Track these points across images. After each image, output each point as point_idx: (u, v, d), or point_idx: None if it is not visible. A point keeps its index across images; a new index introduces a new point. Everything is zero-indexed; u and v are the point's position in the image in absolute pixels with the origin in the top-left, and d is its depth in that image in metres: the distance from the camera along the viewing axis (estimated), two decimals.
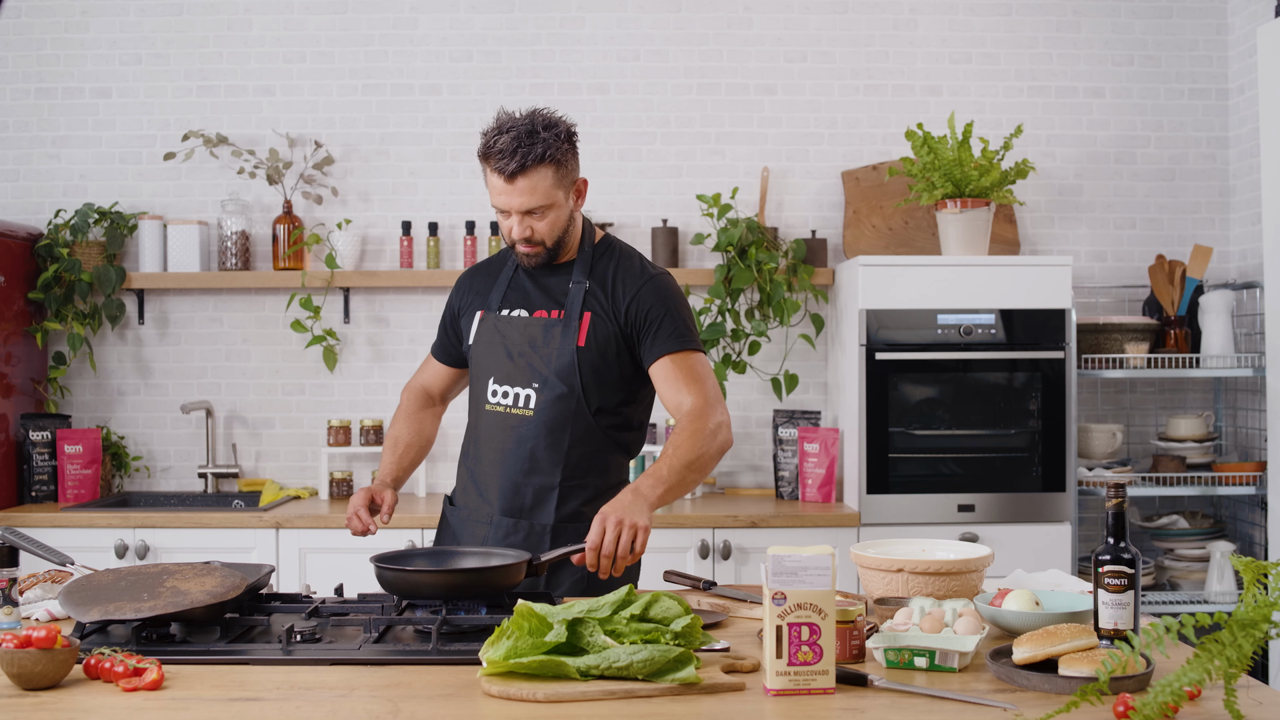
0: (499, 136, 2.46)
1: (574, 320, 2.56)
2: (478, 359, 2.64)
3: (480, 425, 2.64)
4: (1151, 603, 4.11)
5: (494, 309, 2.64)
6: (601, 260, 2.63)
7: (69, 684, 1.83)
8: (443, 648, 1.98)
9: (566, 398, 2.54)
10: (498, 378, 2.59)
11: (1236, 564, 1.65)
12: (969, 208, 4.03)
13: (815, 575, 1.78)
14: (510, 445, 2.57)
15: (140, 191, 4.53)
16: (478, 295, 2.70)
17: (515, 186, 2.47)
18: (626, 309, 2.57)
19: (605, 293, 2.59)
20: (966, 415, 4.04)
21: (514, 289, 2.65)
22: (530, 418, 2.56)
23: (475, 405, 2.66)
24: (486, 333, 2.62)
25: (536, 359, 2.56)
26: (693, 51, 4.55)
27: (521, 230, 2.51)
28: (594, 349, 2.55)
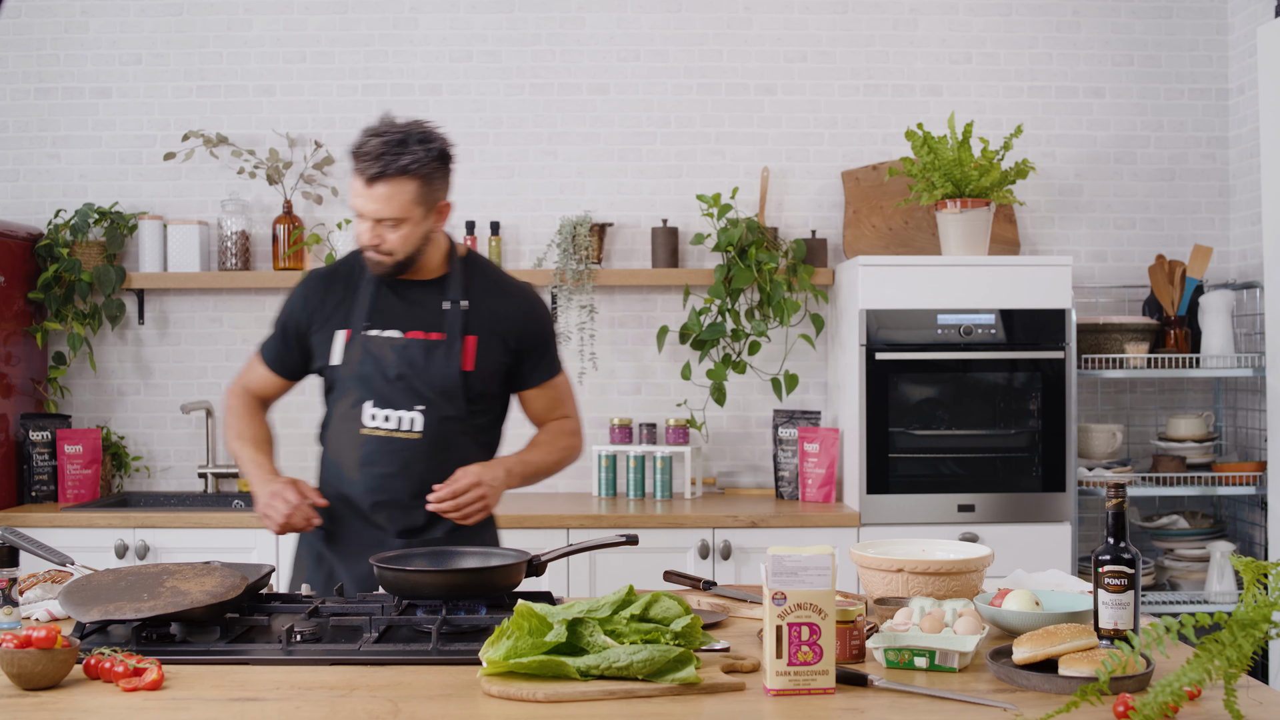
0: (370, 139, 2.43)
1: (456, 343, 2.53)
2: (347, 380, 2.54)
3: (354, 448, 2.54)
4: (1151, 603, 4.11)
5: (361, 328, 2.54)
6: (475, 279, 2.61)
7: (69, 684, 1.83)
8: (443, 648, 1.98)
9: (452, 420, 2.54)
10: (376, 401, 2.51)
11: (1236, 564, 1.66)
12: (969, 208, 4.03)
13: (815, 575, 1.78)
14: (395, 469, 2.52)
15: (140, 191, 4.53)
16: (335, 311, 2.58)
17: (372, 192, 2.44)
18: (519, 334, 2.59)
19: (487, 314, 2.57)
20: (966, 415, 4.04)
21: (381, 306, 2.55)
22: (417, 441, 2.52)
23: (344, 428, 2.56)
24: (357, 354, 2.53)
25: (418, 382, 2.51)
26: (693, 51, 4.55)
27: (371, 237, 2.47)
28: (480, 372, 2.55)
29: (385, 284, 2.57)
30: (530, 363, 2.63)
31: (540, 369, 2.65)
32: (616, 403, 4.53)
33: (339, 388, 2.56)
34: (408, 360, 2.51)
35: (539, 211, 4.54)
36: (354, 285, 2.59)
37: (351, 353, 2.53)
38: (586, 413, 4.50)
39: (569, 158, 4.55)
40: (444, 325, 2.54)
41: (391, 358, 2.51)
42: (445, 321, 2.54)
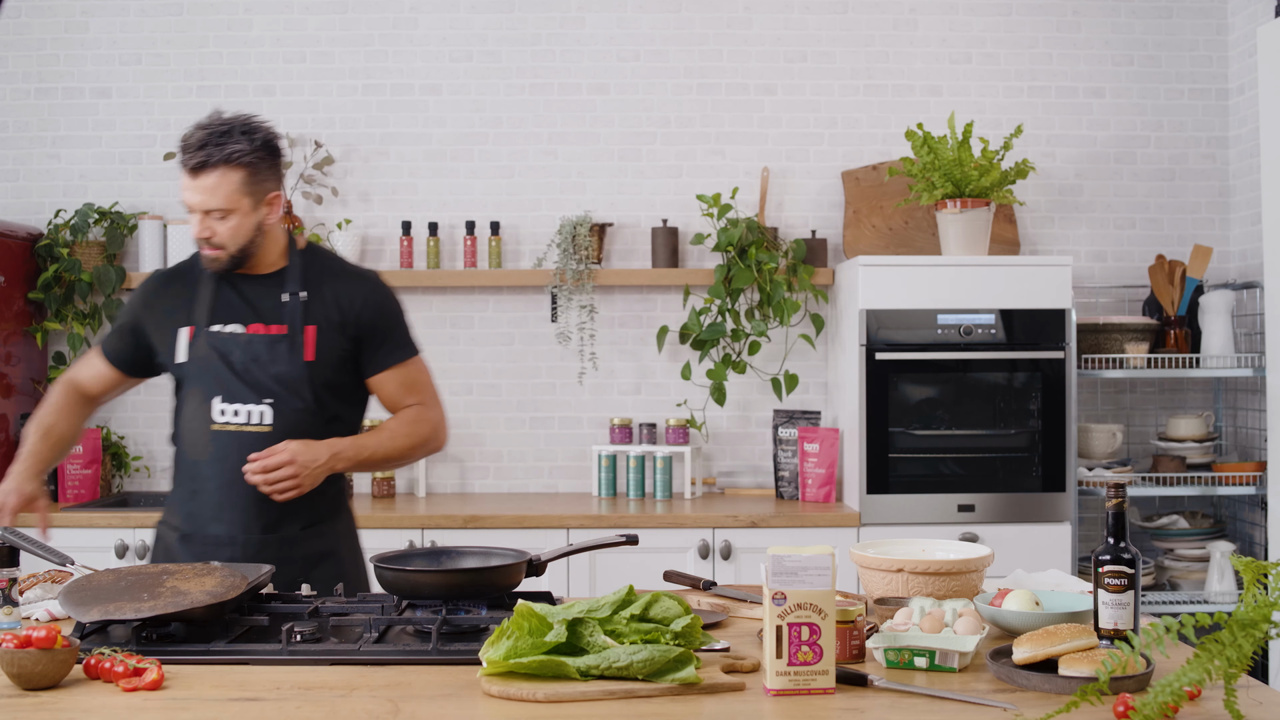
0: (195, 131, 2.45)
1: (298, 334, 2.54)
2: (194, 377, 2.55)
3: (205, 444, 2.54)
4: (1151, 603, 4.11)
5: (204, 325, 2.55)
6: (314, 270, 2.61)
7: (69, 684, 1.83)
8: (443, 648, 1.98)
9: (302, 411, 2.54)
10: (225, 396, 2.52)
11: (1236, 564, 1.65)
12: (969, 208, 4.03)
13: (815, 575, 1.78)
14: (246, 462, 2.49)
15: (140, 191, 4.53)
16: (176, 309, 2.58)
17: (197, 183, 2.45)
18: (357, 319, 2.59)
19: (327, 304, 2.58)
20: (966, 415, 4.04)
21: (222, 303, 2.56)
22: (269, 434, 2.52)
23: (193, 426, 2.56)
24: (202, 350, 2.54)
25: (264, 375, 2.52)
26: (693, 51, 4.55)
27: (201, 229, 2.48)
28: (322, 361, 2.56)
29: (225, 280, 2.58)
30: (372, 348, 2.62)
31: (384, 354, 2.63)
32: (616, 403, 4.53)
33: (186, 384, 2.58)
34: (252, 354, 2.53)
35: (539, 211, 4.54)
36: (194, 283, 2.60)
37: (196, 349, 2.55)
38: (586, 412, 4.53)
39: (569, 158, 4.55)
40: (284, 318, 2.56)
41: (236, 353, 2.53)
42: (285, 314, 2.56)
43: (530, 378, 4.54)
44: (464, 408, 4.54)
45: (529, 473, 4.54)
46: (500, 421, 4.54)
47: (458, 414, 4.53)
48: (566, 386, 4.53)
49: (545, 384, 4.54)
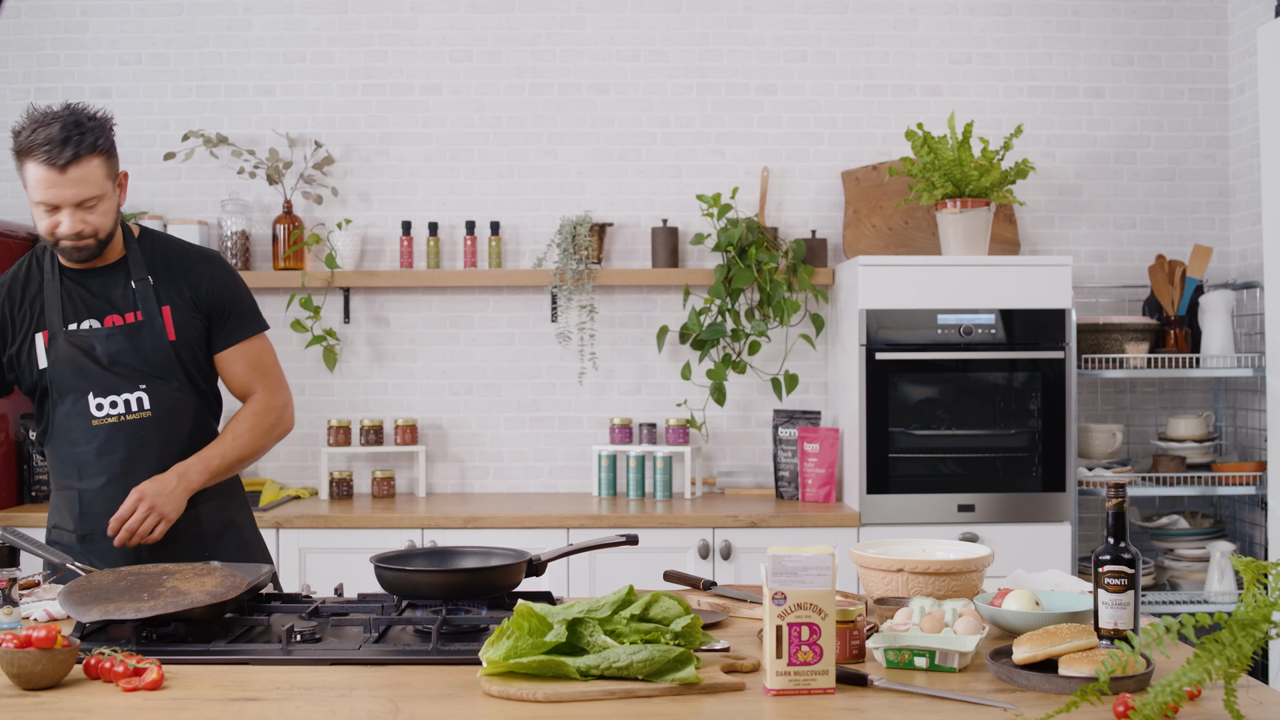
0: (43, 129, 2.42)
1: (155, 317, 2.57)
2: (62, 380, 2.54)
3: (87, 442, 2.54)
4: (1151, 603, 4.11)
5: (60, 326, 2.54)
6: (154, 254, 2.63)
7: (69, 684, 1.83)
8: (443, 648, 1.98)
9: (175, 391, 2.59)
10: (97, 391, 2.53)
11: (1236, 564, 1.65)
12: (969, 208, 4.03)
13: (815, 575, 1.78)
14: (134, 450, 2.54)
15: (140, 191, 4.53)
16: (26, 317, 2.56)
17: (68, 177, 2.44)
18: (206, 296, 2.63)
19: (175, 283, 2.61)
20: (966, 415, 4.04)
21: (69, 302, 2.56)
22: (149, 418, 2.56)
23: (72, 424, 2.55)
24: (65, 352, 2.53)
25: (133, 363, 2.55)
26: (693, 51, 4.55)
27: (74, 224, 2.47)
28: (184, 339, 2.60)
29: (68, 278, 2.58)
30: (220, 324, 2.66)
31: (230, 330, 2.67)
32: (616, 403, 4.53)
33: (55, 389, 2.56)
34: (116, 345, 2.54)
35: (539, 211, 4.54)
36: (35, 288, 2.59)
37: (56, 352, 2.54)
38: (586, 412, 4.53)
39: (569, 158, 4.55)
40: (137, 304, 2.57)
41: (99, 347, 2.54)
42: (137, 300, 2.58)
43: (530, 378, 4.54)
44: (464, 408, 4.54)
45: (529, 473, 4.54)
46: (500, 421, 4.54)
47: (458, 414, 4.54)
48: (566, 386, 4.53)
49: (545, 384, 4.54)
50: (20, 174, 2.48)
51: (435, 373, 4.55)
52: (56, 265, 2.59)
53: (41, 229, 2.51)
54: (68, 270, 2.58)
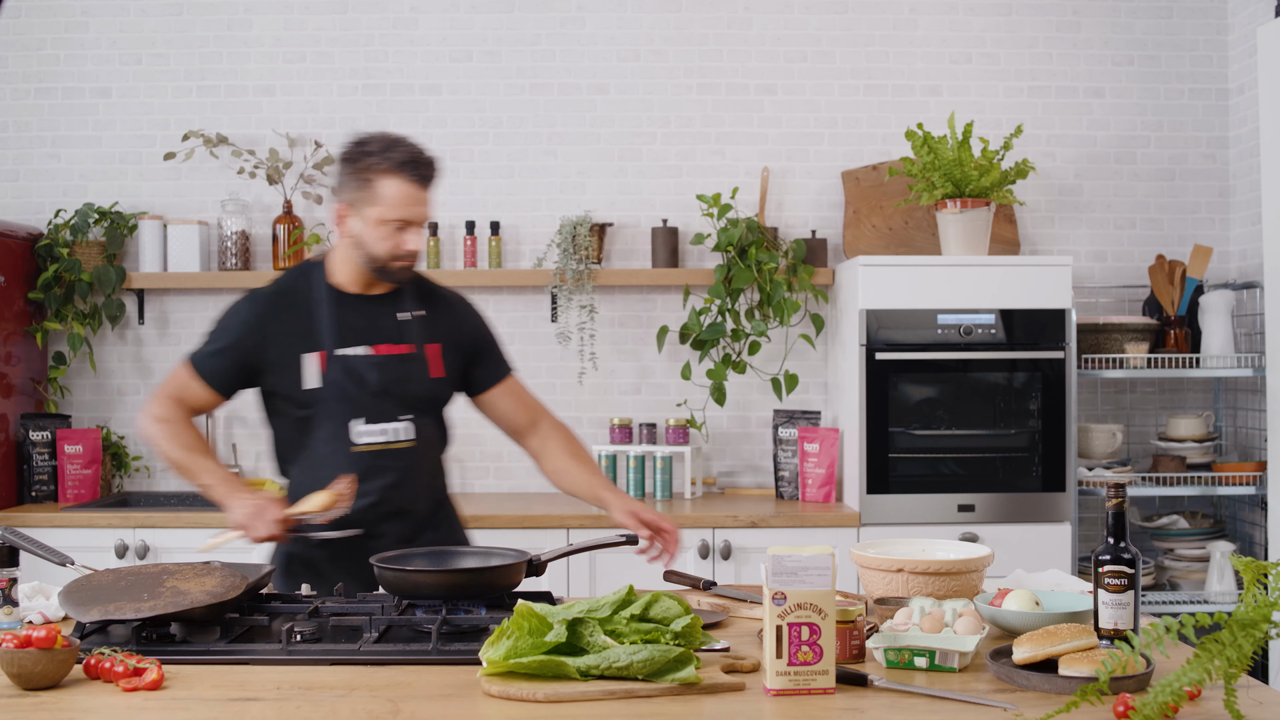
0: (400, 147, 2.47)
1: (423, 354, 2.61)
2: (330, 402, 2.54)
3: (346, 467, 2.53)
4: (1151, 603, 4.11)
5: (332, 349, 2.55)
6: (421, 288, 2.67)
7: (69, 684, 1.83)
8: (443, 648, 1.98)
9: (431, 427, 2.66)
10: (368, 417, 2.55)
11: (1236, 564, 1.65)
12: (969, 208, 4.03)
13: (815, 575, 1.78)
14: (394, 479, 2.56)
15: (140, 191, 4.53)
16: (297, 334, 2.56)
17: (426, 195, 2.50)
18: (471, 337, 2.70)
19: (441, 321, 2.66)
20: (966, 415, 4.04)
21: (343, 325, 2.56)
22: (411, 449, 2.59)
23: (332, 448, 2.55)
24: (338, 374, 2.54)
25: (401, 394, 2.57)
26: (693, 51, 4.55)
27: (419, 242, 2.53)
28: (448, 379, 2.66)
29: (343, 302, 2.59)
30: (483, 364, 2.73)
31: (492, 370, 2.75)
32: (616, 403, 4.53)
33: (319, 410, 2.55)
34: (388, 375, 2.56)
35: (539, 211, 4.54)
36: (309, 306, 2.58)
37: (331, 374, 2.54)
38: (586, 412, 4.53)
39: (569, 158, 4.55)
40: (407, 337, 2.60)
41: (372, 374, 2.55)
42: (406, 333, 2.60)
43: (530, 378, 4.50)
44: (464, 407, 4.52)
45: (529, 473, 4.53)
46: None
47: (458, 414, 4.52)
48: (566, 386, 4.52)
49: (545, 384, 4.54)
50: (364, 192, 2.47)
51: None
52: (329, 288, 2.59)
53: (381, 249, 2.50)
54: (341, 295, 2.58)
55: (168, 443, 2.56)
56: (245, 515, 2.42)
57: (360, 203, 2.49)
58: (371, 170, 2.46)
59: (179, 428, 2.57)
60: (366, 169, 2.47)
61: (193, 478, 2.55)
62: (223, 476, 2.53)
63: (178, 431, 2.57)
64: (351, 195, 2.51)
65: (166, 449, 2.56)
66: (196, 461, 2.54)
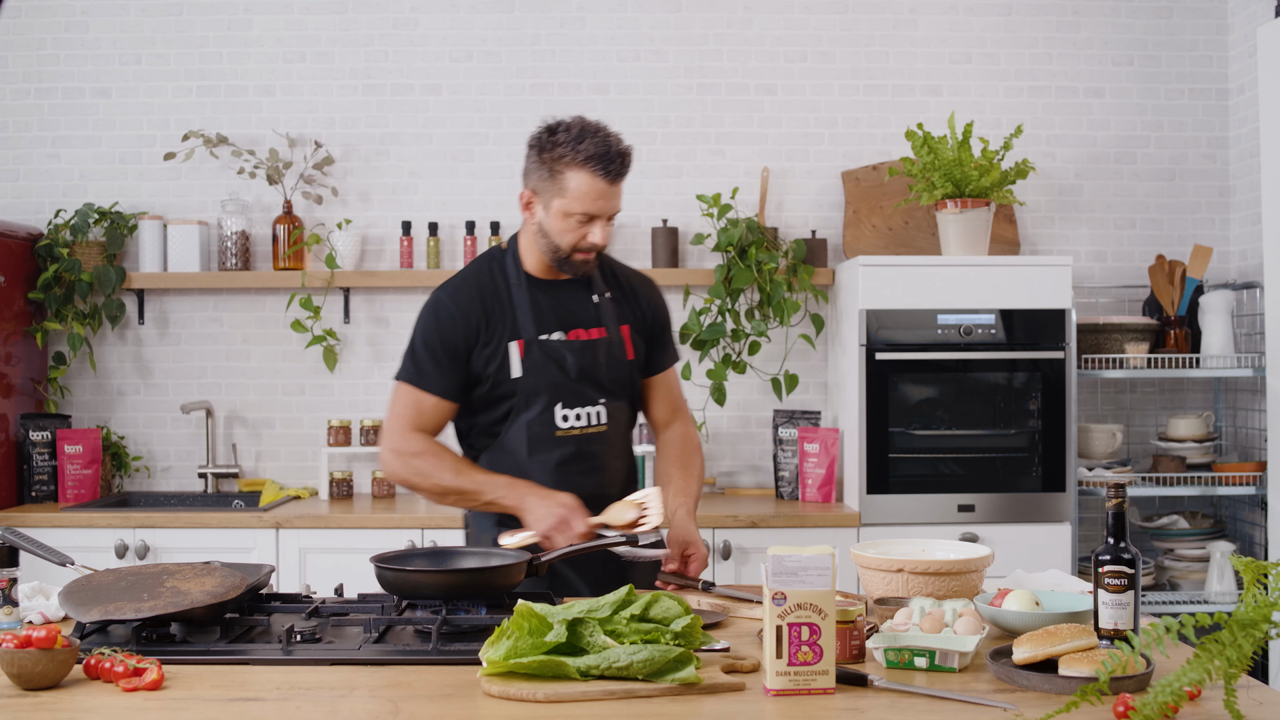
0: (592, 140, 2.43)
1: (617, 335, 2.61)
2: (530, 388, 2.54)
3: (549, 452, 2.55)
4: (1151, 603, 4.11)
5: (533, 336, 2.55)
6: (607, 270, 2.67)
7: (69, 684, 1.83)
8: (443, 648, 1.98)
9: (624, 408, 2.64)
10: (565, 402, 2.55)
11: (1236, 564, 1.65)
12: (969, 208, 4.03)
13: (815, 575, 1.78)
14: (590, 464, 2.58)
15: (140, 191, 4.53)
16: (499, 324, 2.55)
17: (615, 189, 2.46)
18: (652, 318, 2.69)
19: (629, 302, 2.66)
20: (966, 415, 4.04)
21: (537, 311, 2.56)
22: (605, 433, 2.60)
23: (534, 434, 2.55)
24: (538, 361, 2.53)
25: (596, 377, 2.57)
26: (693, 51, 4.55)
27: (604, 237, 2.49)
28: (637, 361, 2.66)
29: (534, 288, 2.58)
30: (656, 349, 2.71)
31: (661, 356, 2.73)
32: None
33: (520, 397, 2.54)
34: (585, 359, 2.56)
35: None
36: (505, 294, 2.58)
37: (531, 361, 2.54)
38: None
39: None
40: (599, 320, 2.60)
41: (571, 359, 2.55)
42: (599, 316, 2.60)
43: None
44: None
45: None
46: None
47: None
48: None
49: None
50: (551, 181, 2.46)
51: None
52: (522, 274, 2.59)
53: (565, 240, 2.49)
54: (533, 280, 2.59)
55: (436, 474, 2.52)
56: (548, 524, 2.40)
57: (546, 192, 2.48)
58: (559, 161, 2.44)
59: (439, 457, 2.54)
60: (555, 159, 2.45)
61: (476, 498, 2.52)
62: (509, 483, 2.50)
63: (441, 460, 2.54)
64: (537, 183, 2.50)
65: (436, 480, 2.52)
66: (475, 480, 2.52)
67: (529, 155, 2.53)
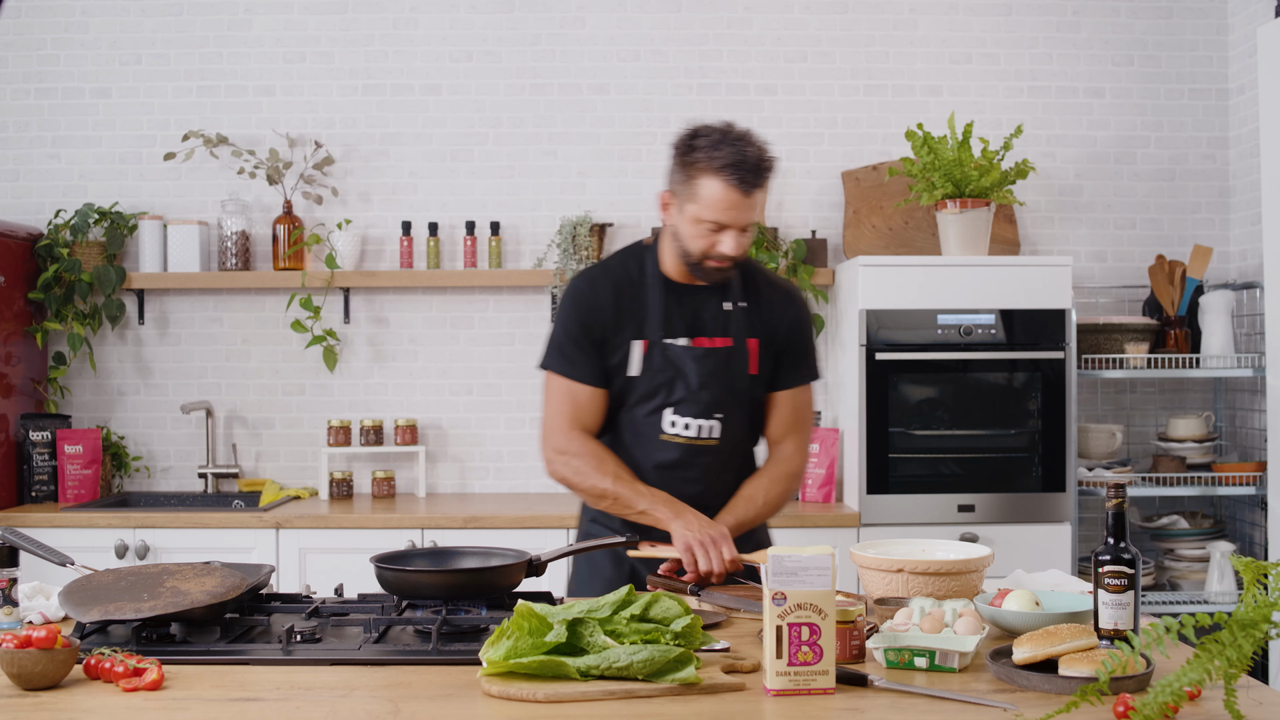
0: (730, 147, 2.38)
1: (742, 348, 2.55)
2: (644, 389, 2.52)
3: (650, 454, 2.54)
4: (1151, 603, 4.11)
5: (657, 337, 2.52)
6: (750, 277, 2.60)
7: (69, 684, 1.83)
8: (443, 648, 1.98)
9: (740, 424, 2.59)
10: (677, 409, 2.53)
11: (1236, 564, 1.65)
12: (969, 208, 4.03)
13: (815, 575, 1.78)
14: (693, 474, 2.56)
15: (140, 191, 4.53)
16: (629, 320, 2.53)
17: (749, 201, 2.41)
18: (785, 334, 2.60)
19: (763, 315, 2.58)
20: (966, 415, 4.04)
21: (667, 313, 2.53)
22: (715, 447, 2.56)
23: (639, 434, 2.55)
24: (657, 363, 2.51)
25: (717, 389, 2.52)
26: (693, 51, 4.55)
27: (736, 247, 2.43)
28: (760, 376, 2.59)
29: (670, 289, 2.54)
30: (786, 365, 2.63)
31: (791, 373, 2.63)
32: None
33: (633, 395, 2.53)
34: (706, 369, 2.51)
35: (539, 211, 4.54)
36: (639, 291, 2.55)
37: (652, 363, 2.51)
38: None
39: (569, 158, 4.55)
40: (727, 330, 2.55)
41: (692, 368, 2.51)
42: (728, 325, 2.55)
43: (530, 378, 4.54)
44: (464, 408, 4.54)
45: (529, 473, 4.54)
46: (500, 421, 4.54)
47: (458, 414, 4.54)
48: None
49: None
50: (686, 185, 2.41)
51: (435, 373, 4.54)
52: (659, 274, 2.55)
53: (695, 246, 2.44)
54: (668, 281, 2.54)
55: (595, 475, 2.51)
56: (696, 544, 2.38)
57: (681, 196, 2.44)
58: (695, 166, 2.40)
59: (599, 459, 2.52)
60: (691, 164, 2.40)
61: (631, 506, 2.49)
62: (665, 498, 2.48)
63: (602, 463, 2.52)
64: (674, 185, 2.46)
65: (594, 482, 2.51)
66: (634, 488, 2.49)
67: (670, 156, 2.48)
